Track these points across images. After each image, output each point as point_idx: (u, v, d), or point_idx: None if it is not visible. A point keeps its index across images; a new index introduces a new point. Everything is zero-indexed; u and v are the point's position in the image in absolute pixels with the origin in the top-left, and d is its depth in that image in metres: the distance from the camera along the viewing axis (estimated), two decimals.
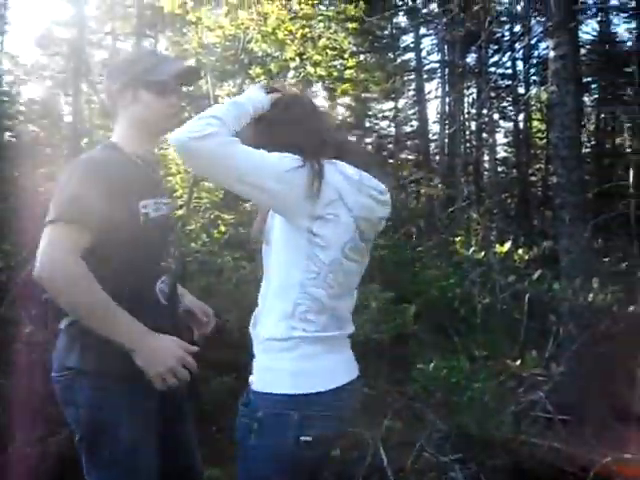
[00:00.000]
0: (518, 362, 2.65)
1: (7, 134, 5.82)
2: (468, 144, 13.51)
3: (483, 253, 3.42)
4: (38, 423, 2.89)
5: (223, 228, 4.42)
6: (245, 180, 1.26)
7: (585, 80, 12.06)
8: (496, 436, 2.82)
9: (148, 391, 1.45)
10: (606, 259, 6.26)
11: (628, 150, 12.46)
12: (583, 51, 11.81)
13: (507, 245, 3.30)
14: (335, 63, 5.50)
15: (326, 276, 1.30)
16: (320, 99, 9.17)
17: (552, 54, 4.28)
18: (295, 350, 1.29)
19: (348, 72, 5.28)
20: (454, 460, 2.82)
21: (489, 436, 2.82)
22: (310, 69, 4.68)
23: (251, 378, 1.37)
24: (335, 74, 5.16)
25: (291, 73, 4.93)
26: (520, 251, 3.39)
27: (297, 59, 4.70)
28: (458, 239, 3.73)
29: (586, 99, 12.68)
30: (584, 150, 11.15)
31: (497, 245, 3.43)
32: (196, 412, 3.39)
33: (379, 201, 1.37)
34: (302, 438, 1.25)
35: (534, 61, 12.42)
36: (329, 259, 1.29)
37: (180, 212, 4.09)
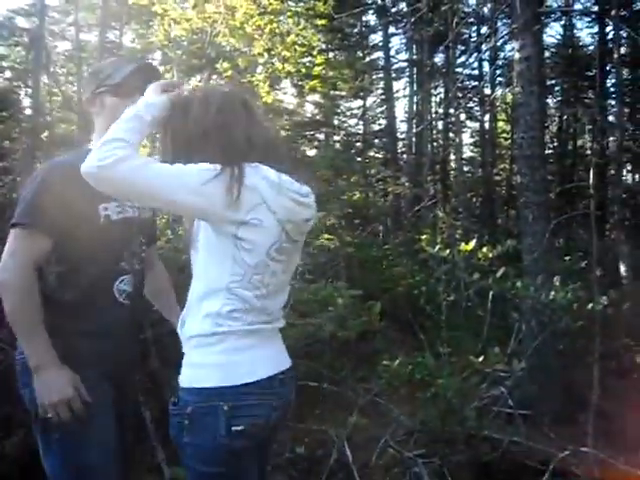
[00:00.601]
0: (481, 358, 2.69)
1: None
2: (435, 143, 13.67)
3: (448, 251, 3.45)
4: None
5: (187, 225, 4.36)
6: (164, 199, 1.27)
7: (549, 82, 12.34)
8: (459, 431, 2.86)
9: (100, 376, 1.62)
10: (567, 257, 6.42)
11: (589, 151, 12.82)
12: (547, 54, 12.10)
13: (472, 243, 3.34)
14: (304, 60, 5.49)
15: (251, 277, 1.32)
16: (289, 96, 9.17)
17: (517, 56, 4.35)
18: (221, 344, 1.31)
19: (317, 69, 5.27)
20: (418, 455, 2.85)
21: (452, 431, 2.86)
22: (278, 65, 4.66)
23: (180, 377, 1.38)
24: (304, 71, 5.14)
25: (259, 69, 4.89)
26: (484, 249, 3.44)
27: (265, 54, 4.67)
28: (424, 237, 3.75)
29: (549, 101, 13.00)
30: (547, 151, 11.41)
31: (462, 243, 3.46)
32: (160, 413, 3.35)
33: (301, 203, 1.38)
34: (234, 428, 1.27)
35: (500, 62, 12.66)
36: (254, 262, 1.31)
37: None
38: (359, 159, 9.44)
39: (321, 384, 3.67)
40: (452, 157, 13.90)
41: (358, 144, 11.66)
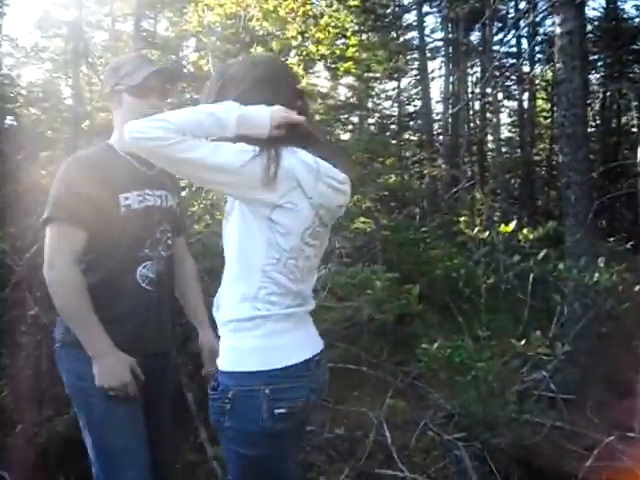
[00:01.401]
0: (523, 342, 2.64)
1: (8, 118, 5.79)
2: (472, 124, 13.39)
3: (487, 233, 3.39)
4: (45, 403, 2.92)
5: (226, 209, 4.40)
6: (200, 177, 1.29)
7: (591, 57, 11.90)
8: (500, 415, 2.83)
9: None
10: (611, 238, 6.24)
11: (634, 129, 12.34)
12: (590, 27, 11.63)
13: (512, 224, 3.27)
14: (337, 42, 5.43)
15: (286, 262, 1.32)
16: (322, 79, 9.10)
17: (558, 30, 4.21)
18: (260, 328, 1.31)
19: (350, 51, 5.21)
20: (458, 439, 2.84)
21: (493, 415, 2.83)
22: (312, 47, 4.62)
23: (217, 360, 1.39)
24: (338, 53, 5.09)
25: (293, 52, 4.87)
26: (525, 231, 3.36)
27: (299, 37, 4.64)
28: (462, 219, 3.69)
29: (592, 77, 12.53)
30: (590, 129, 11.03)
31: (502, 225, 3.39)
32: (202, 394, 3.42)
33: (338, 190, 1.38)
34: (276, 411, 1.28)
35: (539, 39, 12.26)
36: (289, 246, 1.31)
37: (182, 194, 4.06)
38: (394, 141, 9.32)
39: (359, 367, 3.69)
40: (489, 138, 13.61)
41: (393, 126, 11.53)
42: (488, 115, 13.14)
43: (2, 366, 3.35)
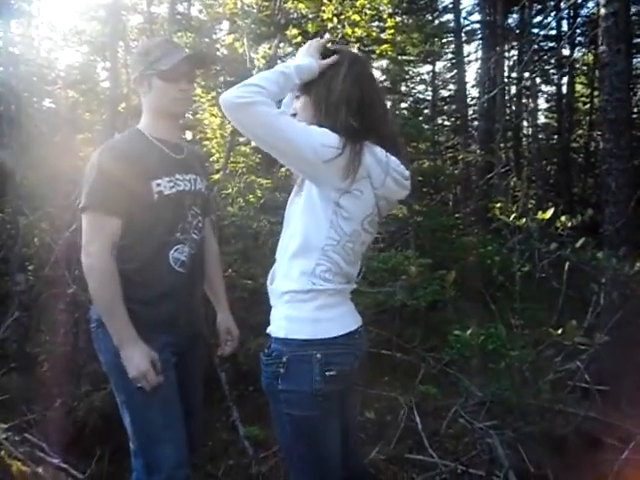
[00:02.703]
0: (559, 331, 2.59)
1: (47, 100, 5.90)
2: (508, 109, 13.08)
3: (524, 220, 3.32)
4: (83, 379, 3.00)
5: (259, 192, 4.42)
6: (285, 150, 1.36)
7: (636, 40, 11.45)
8: (533, 404, 2.79)
9: (161, 342, 1.73)
10: None
11: None
12: (634, 9, 11.18)
13: (549, 212, 3.19)
14: (373, 25, 5.34)
15: (345, 245, 1.44)
16: None
17: (603, 11, 4.06)
18: (314, 301, 1.43)
19: (388, 33, 5.12)
20: (489, 426, 2.82)
21: (526, 404, 2.80)
22: (348, 30, 4.56)
23: (270, 328, 1.51)
24: (374, 35, 5.01)
25: (327, 34, 4.81)
26: (563, 218, 3.28)
27: (334, 19, 4.58)
28: (497, 205, 3.63)
29: (635, 60, 12.07)
30: (633, 115, 10.65)
31: (539, 212, 3.31)
32: (234, 374, 3.48)
33: (402, 185, 1.49)
34: (327, 373, 1.40)
35: (580, 21, 11.84)
36: (350, 230, 1.43)
37: (216, 176, 4.09)
38: (428, 126, 9.19)
39: (391, 352, 3.68)
40: (525, 123, 13.28)
41: (426, 111, 11.35)
42: (525, 100, 12.82)
43: (42, 342, 3.46)
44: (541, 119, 14.21)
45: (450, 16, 12.43)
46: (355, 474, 1.67)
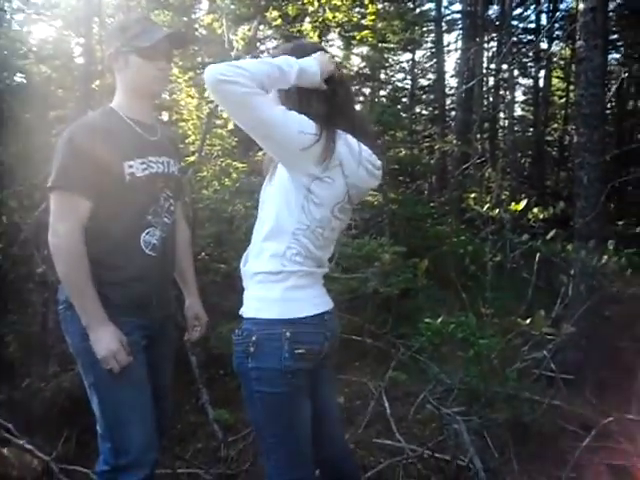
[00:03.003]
0: (528, 321, 2.65)
1: (18, 75, 5.72)
2: (485, 100, 13.18)
3: (497, 210, 3.37)
4: (52, 359, 2.96)
5: (235, 176, 4.39)
6: (263, 131, 1.37)
7: (611, 37, 11.61)
8: (499, 391, 2.85)
9: (131, 325, 1.71)
10: (620, 222, 6.19)
11: None
12: (612, 6, 11.31)
13: (522, 203, 3.24)
14: (354, 10, 5.31)
15: (315, 230, 1.47)
16: (335, 49, 8.93)
17: (581, 6, 4.10)
18: (284, 282, 1.46)
19: (369, 19, 5.09)
20: (457, 412, 2.87)
21: (492, 391, 2.86)
22: (329, 14, 4.52)
23: (242, 309, 1.53)
24: (355, 20, 4.98)
25: (308, 18, 4.77)
26: (535, 210, 3.33)
27: (315, 3, 4.53)
28: (472, 196, 3.67)
29: (610, 57, 12.25)
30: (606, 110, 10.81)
31: (512, 203, 3.36)
32: (205, 357, 3.47)
33: (373, 175, 1.52)
34: (296, 351, 1.43)
35: (559, 15, 11.96)
36: (320, 215, 1.46)
37: (192, 159, 4.04)
38: (405, 115, 9.21)
39: (362, 338, 3.71)
40: (502, 115, 13.41)
41: (405, 99, 11.37)
42: (502, 92, 12.92)
43: (10, 322, 3.39)
44: (518, 111, 14.40)
45: (431, 5, 12.44)
46: (336, 459, 1.69)
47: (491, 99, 13.44)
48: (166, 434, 2.03)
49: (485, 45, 12.39)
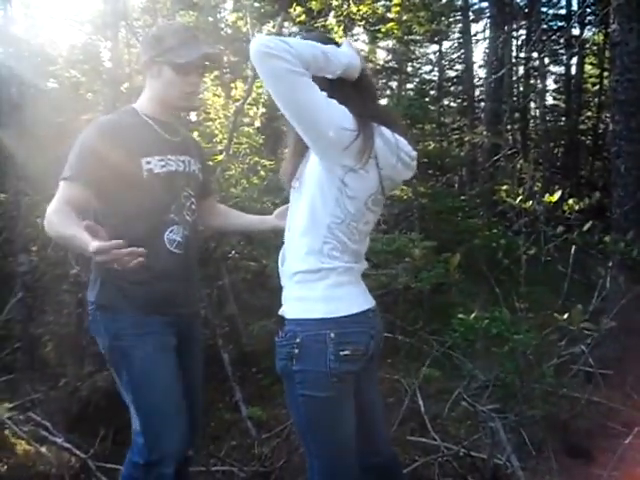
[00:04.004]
0: (565, 315, 2.57)
1: (50, 80, 5.84)
2: (515, 90, 12.91)
3: (530, 202, 3.28)
4: (87, 359, 3.02)
5: (263, 174, 4.39)
6: (302, 115, 1.32)
7: None
8: (536, 388, 2.78)
9: (160, 324, 1.73)
10: None
11: None
12: None
13: (557, 194, 3.15)
14: (378, 4, 5.25)
15: (349, 223, 1.43)
16: (360, 43, 8.86)
17: None
18: (325, 280, 1.43)
19: (394, 10, 5.02)
20: (492, 410, 2.81)
21: (529, 388, 2.79)
22: (353, 7, 4.47)
23: (283, 309, 1.50)
24: (380, 12, 4.92)
25: (332, 12, 4.73)
26: (570, 201, 3.24)
27: None
28: (504, 188, 3.58)
29: None
30: None
31: (546, 195, 3.27)
32: (238, 355, 3.49)
33: (408, 166, 1.49)
34: (341, 353, 1.39)
35: (591, 0, 11.62)
36: (354, 209, 1.42)
37: (219, 157, 4.06)
38: (434, 107, 9.08)
39: (394, 335, 3.67)
40: (533, 105, 13.13)
41: (433, 92, 11.22)
42: (533, 81, 12.66)
43: (46, 322, 3.47)
44: (549, 100, 14.05)
45: None
46: (383, 460, 1.63)
47: (521, 88, 13.17)
48: (199, 432, 2.04)
49: (514, 33, 12.16)
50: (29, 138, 3.91)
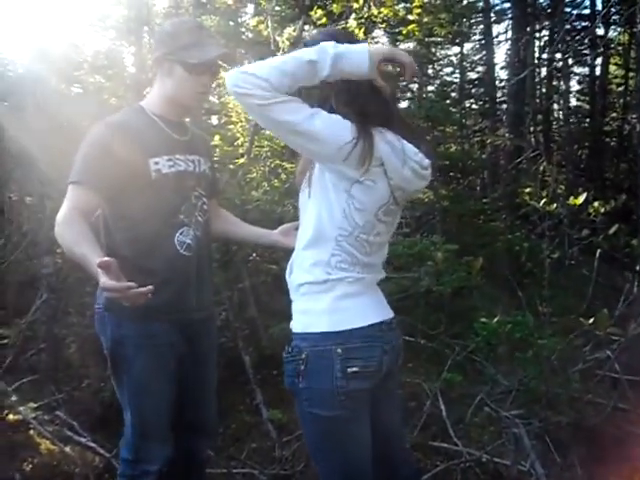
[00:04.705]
0: (590, 320, 2.52)
1: (75, 85, 5.93)
2: (538, 91, 12.75)
3: (554, 205, 3.23)
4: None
5: (284, 177, 4.39)
6: (291, 140, 1.30)
7: None
8: (561, 394, 2.74)
9: (166, 331, 1.72)
10: None
11: None
12: None
13: (582, 197, 3.10)
14: (399, 6, 5.23)
15: (358, 236, 1.35)
16: (381, 45, 8.82)
17: None
18: (331, 292, 1.35)
19: (415, 12, 4.99)
20: (515, 415, 2.77)
21: (553, 393, 2.74)
22: (374, 10, 4.46)
23: (291, 323, 1.44)
24: (401, 14, 4.90)
25: (353, 15, 4.72)
26: (596, 204, 3.18)
27: (360, 0, 4.49)
28: (527, 190, 3.54)
29: None
30: None
31: (570, 197, 3.22)
32: (258, 358, 3.49)
33: (420, 175, 1.39)
34: (349, 369, 1.31)
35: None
36: (363, 221, 1.34)
37: (241, 160, 4.08)
38: (455, 109, 9.00)
39: (415, 339, 3.65)
40: (556, 106, 12.94)
41: (454, 94, 11.12)
42: (556, 82, 12.47)
43: (69, 324, 3.52)
44: (573, 102, 13.79)
45: None
46: None
47: (544, 90, 12.99)
48: (214, 436, 2.04)
49: (537, 34, 12.01)
50: (53, 143, 3.97)
